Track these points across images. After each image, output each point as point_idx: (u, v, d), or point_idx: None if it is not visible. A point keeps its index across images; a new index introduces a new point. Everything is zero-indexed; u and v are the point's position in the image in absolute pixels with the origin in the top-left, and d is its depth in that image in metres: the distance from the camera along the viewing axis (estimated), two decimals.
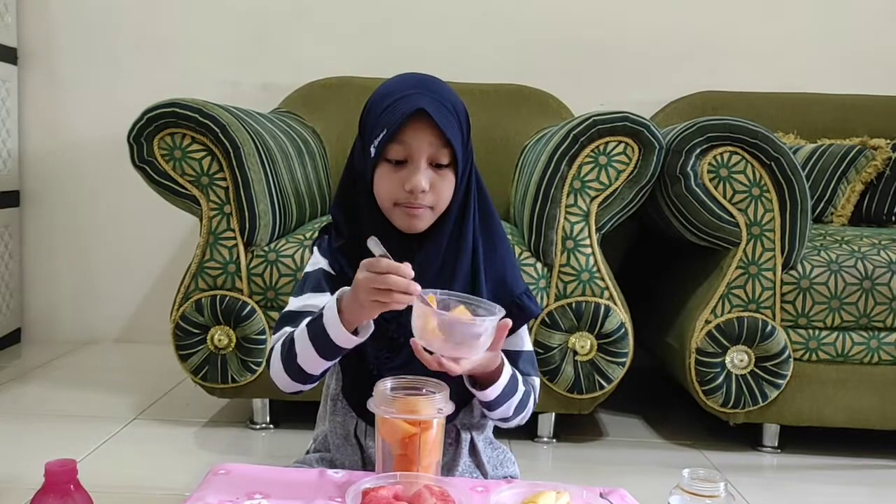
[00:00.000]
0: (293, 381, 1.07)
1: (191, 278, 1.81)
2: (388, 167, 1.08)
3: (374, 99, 1.12)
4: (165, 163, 1.79)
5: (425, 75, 1.13)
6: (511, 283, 1.16)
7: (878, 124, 2.41)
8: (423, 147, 1.06)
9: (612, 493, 1.04)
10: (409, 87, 1.09)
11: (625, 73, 2.68)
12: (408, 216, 1.08)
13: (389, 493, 0.90)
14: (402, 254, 1.05)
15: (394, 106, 1.06)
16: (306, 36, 2.68)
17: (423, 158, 1.06)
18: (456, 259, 1.11)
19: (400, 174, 1.07)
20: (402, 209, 1.08)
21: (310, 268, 1.15)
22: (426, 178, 1.06)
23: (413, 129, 1.05)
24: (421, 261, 1.07)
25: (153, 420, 1.96)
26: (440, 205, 1.09)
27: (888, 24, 2.69)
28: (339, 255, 1.13)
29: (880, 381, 1.81)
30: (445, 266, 1.10)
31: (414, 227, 1.09)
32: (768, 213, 1.78)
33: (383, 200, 1.09)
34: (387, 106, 1.07)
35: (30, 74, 2.67)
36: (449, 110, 1.08)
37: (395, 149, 1.06)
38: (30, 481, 1.00)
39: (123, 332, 2.75)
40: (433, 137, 1.06)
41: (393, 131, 1.05)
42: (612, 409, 2.11)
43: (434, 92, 1.08)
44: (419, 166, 1.06)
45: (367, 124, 1.11)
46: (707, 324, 1.80)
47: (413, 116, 1.04)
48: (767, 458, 1.89)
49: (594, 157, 1.76)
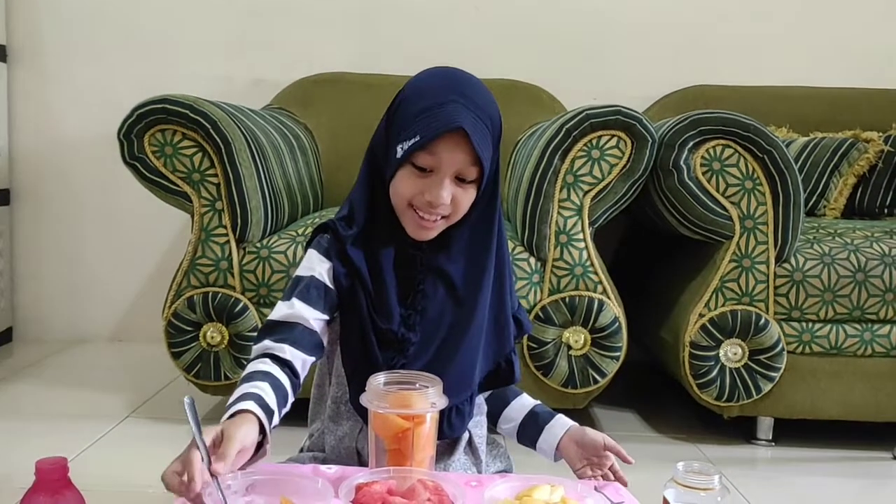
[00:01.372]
0: None
1: (183, 275, 1.80)
2: (412, 170, 1.05)
3: (408, 94, 1.07)
4: (156, 159, 1.78)
5: (463, 75, 1.09)
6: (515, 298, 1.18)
7: (870, 117, 2.41)
8: (453, 162, 1.03)
9: (606, 486, 1.04)
10: (449, 91, 1.04)
11: (617, 67, 2.67)
12: (418, 226, 1.07)
13: (383, 488, 0.90)
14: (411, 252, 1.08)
15: (432, 113, 1.02)
16: (297, 31, 2.67)
17: (450, 173, 1.04)
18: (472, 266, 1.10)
19: (423, 181, 1.04)
20: (414, 215, 1.06)
21: (302, 272, 1.11)
22: (449, 193, 1.04)
23: (447, 143, 1.02)
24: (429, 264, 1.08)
25: (146, 418, 1.95)
26: (456, 215, 1.08)
27: (880, 18, 2.69)
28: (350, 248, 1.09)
29: (873, 374, 1.82)
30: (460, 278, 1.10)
31: (422, 237, 1.08)
32: (761, 207, 1.78)
33: (399, 200, 1.07)
34: (424, 109, 1.03)
35: (19, 72, 2.66)
36: (485, 125, 1.04)
37: (425, 157, 1.03)
38: (21, 480, 1.00)
39: (115, 331, 2.74)
40: (466, 154, 1.03)
41: (427, 141, 1.01)
42: (606, 403, 2.11)
43: (473, 102, 1.04)
44: (444, 181, 1.04)
45: (398, 121, 1.06)
46: (701, 317, 1.80)
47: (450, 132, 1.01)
48: (761, 450, 1.89)
49: (587, 151, 1.75)
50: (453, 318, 1.09)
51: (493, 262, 1.12)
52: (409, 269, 1.10)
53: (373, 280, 1.08)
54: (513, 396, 1.27)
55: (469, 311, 1.09)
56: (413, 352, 1.08)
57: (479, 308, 1.10)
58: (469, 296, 1.10)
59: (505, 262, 1.15)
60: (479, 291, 1.10)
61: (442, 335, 1.09)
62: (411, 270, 1.10)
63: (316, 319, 1.07)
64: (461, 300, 1.10)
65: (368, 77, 2.52)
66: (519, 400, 1.27)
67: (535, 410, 1.24)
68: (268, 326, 1.08)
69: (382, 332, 1.08)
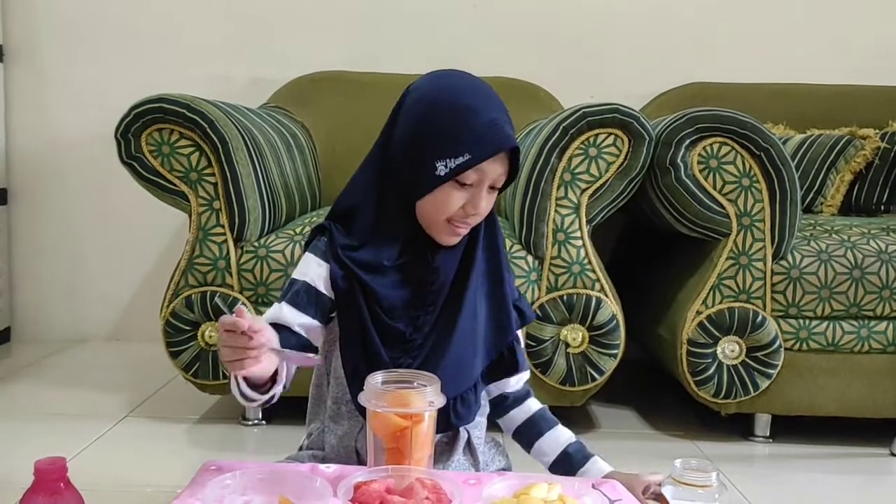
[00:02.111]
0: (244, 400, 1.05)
1: (180, 275, 1.80)
2: (455, 187, 1.05)
3: (440, 107, 1.05)
4: (153, 159, 1.78)
5: (481, 82, 1.10)
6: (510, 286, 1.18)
7: (866, 114, 2.41)
8: (496, 175, 1.06)
9: (603, 483, 1.04)
10: (487, 107, 1.05)
11: (614, 64, 2.68)
12: (454, 235, 1.09)
13: (381, 487, 0.90)
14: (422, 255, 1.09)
15: (483, 133, 1.02)
16: (294, 30, 2.67)
17: (489, 184, 1.07)
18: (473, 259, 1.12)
19: (464, 194, 1.06)
20: (450, 227, 1.08)
21: (297, 275, 1.11)
22: (488, 203, 1.08)
23: (494, 159, 1.04)
24: (440, 262, 1.09)
25: (144, 417, 1.95)
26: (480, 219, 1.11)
27: (876, 15, 2.69)
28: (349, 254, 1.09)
29: (870, 370, 1.82)
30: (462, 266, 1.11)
31: (452, 242, 1.10)
32: (758, 204, 1.78)
33: (437, 215, 1.07)
34: (472, 128, 1.03)
35: (15, 71, 2.65)
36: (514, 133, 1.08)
37: (471, 175, 1.04)
38: (20, 480, 1.00)
39: (114, 330, 2.74)
40: (504, 167, 1.06)
41: (481, 160, 1.02)
42: (604, 400, 2.11)
43: (507, 114, 1.07)
44: (484, 191, 1.06)
45: (436, 136, 1.04)
46: (698, 315, 1.80)
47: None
48: (759, 447, 1.90)
49: (584, 149, 1.75)
50: (447, 308, 1.10)
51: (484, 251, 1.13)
52: (420, 271, 1.10)
53: (380, 283, 1.08)
54: (546, 427, 1.21)
55: (457, 299, 1.10)
56: (418, 351, 1.09)
57: (467, 296, 1.10)
58: (458, 284, 1.11)
59: (499, 251, 1.15)
60: (467, 279, 1.10)
61: (438, 329, 1.09)
62: (422, 272, 1.10)
63: (301, 325, 1.09)
64: (454, 291, 1.11)
65: (366, 76, 2.52)
66: (552, 434, 1.20)
67: (568, 451, 1.18)
68: None
69: (389, 332, 1.08)
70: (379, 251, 1.09)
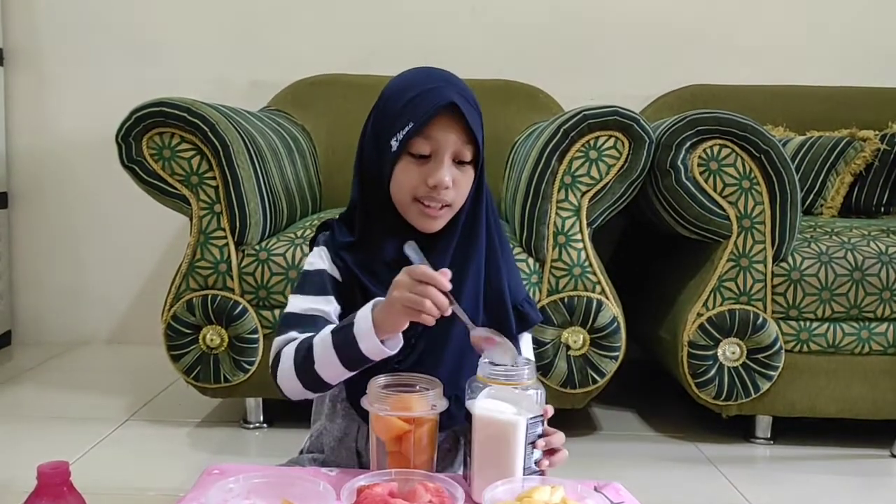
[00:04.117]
0: (305, 388, 1.04)
1: (182, 278, 1.81)
2: (411, 161, 1.05)
3: (391, 92, 1.09)
4: (154, 162, 1.78)
5: (442, 70, 1.11)
6: (514, 287, 1.16)
7: (866, 116, 2.41)
8: (449, 142, 1.04)
9: (606, 486, 1.04)
10: (432, 80, 1.07)
11: (614, 67, 2.68)
12: (426, 216, 1.07)
13: (384, 491, 0.90)
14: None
15: (419, 99, 1.03)
16: (294, 33, 2.67)
17: (449, 154, 1.05)
18: (467, 257, 1.10)
19: (423, 169, 1.05)
20: (420, 207, 1.07)
21: (309, 267, 1.12)
22: (450, 175, 1.05)
23: (440, 124, 1.03)
24: (433, 259, 1.07)
25: (146, 421, 1.95)
26: (458, 202, 1.08)
27: (876, 17, 2.70)
28: (344, 253, 1.10)
29: (871, 372, 1.82)
30: (455, 263, 1.09)
31: (430, 228, 1.08)
32: (758, 206, 1.78)
33: (402, 195, 1.07)
34: (411, 98, 1.04)
35: (16, 75, 2.66)
36: (473, 106, 1.07)
37: (421, 143, 1.04)
38: (22, 484, 1.00)
39: (115, 333, 2.74)
40: (459, 133, 1.04)
41: (422, 124, 1.02)
42: (605, 403, 2.12)
43: (458, 86, 1.07)
44: (444, 162, 1.05)
45: (387, 117, 1.07)
46: (699, 317, 1.81)
47: (441, 111, 1.03)
48: (760, 449, 1.90)
49: (584, 151, 1.76)
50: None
51: (483, 249, 1.11)
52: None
53: (372, 283, 1.08)
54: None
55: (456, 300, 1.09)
56: (412, 349, 1.08)
57: (464, 298, 1.08)
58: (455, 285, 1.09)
59: (496, 251, 1.14)
60: (463, 282, 1.08)
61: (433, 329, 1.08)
62: None
63: (333, 311, 1.09)
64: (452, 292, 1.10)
65: (366, 78, 2.52)
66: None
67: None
68: (289, 321, 1.08)
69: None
70: (373, 249, 1.09)
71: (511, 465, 0.96)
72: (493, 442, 0.97)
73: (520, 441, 0.96)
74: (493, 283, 1.13)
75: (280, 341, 1.07)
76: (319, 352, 1.01)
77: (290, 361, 1.03)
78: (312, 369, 1.01)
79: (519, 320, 1.16)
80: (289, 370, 1.03)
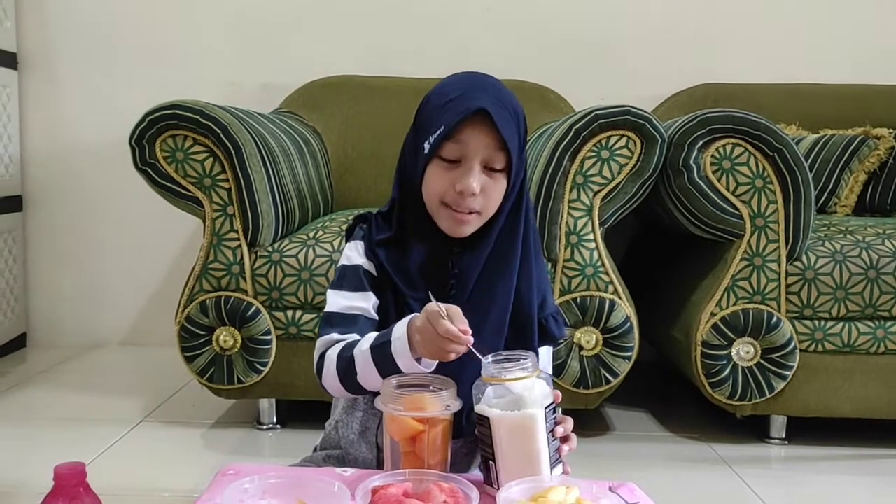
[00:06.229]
0: (350, 392, 1.08)
1: (195, 280, 1.81)
2: (441, 165, 1.06)
3: (432, 95, 1.10)
4: (168, 165, 1.79)
5: (486, 75, 1.11)
6: (545, 301, 1.16)
7: (880, 114, 2.40)
8: (479, 148, 1.04)
9: (620, 486, 1.04)
10: (470, 86, 1.07)
11: (625, 66, 2.67)
12: (454, 220, 1.07)
13: (399, 491, 0.90)
14: (443, 256, 1.08)
15: (454, 103, 1.04)
16: (306, 35, 2.68)
17: (478, 160, 1.04)
18: (498, 269, 1.10)
19: (452, 174, 1.05)
20: (448, 211, 1.07)
21: (346, 261, 1.13)
22: (478, 181, 1.04)
23: (471, 129, 1.03)
24: (462, 266, 1.08)
25: (160, 422, 1.96)
26: (488, 210, 1.08)
27: (890, 14, 2.68)
28: (379, 250, 1.11)
29: (887, 371, 1.81)
30: (486, 273, 1.09)
31: (459, 233, 1.08)
32: (772, 205, 1.77)
33: (431, 199, 1.07)
34: (446, 102, 1.05)
35: (30, 79, 2.67)
36: (510, 113, 1.06)
37: (451, 147, 1.04)
38: (39, 485, 1.00)
39: (128, 335, 2.76)
40: (490, 139, 1.04)
41: (450, 129, 1.02)
42: (618, 403, 2.11)
43: (495, 93, 1.06)
44: (473, 168, 1.04)
45: (423, 120, 1.08)
46: (713, 316, 1.80)
47: (472, 116, 1.02)
48: (775, 449, 1.89)
49: (596, 151, 1.75)
50: (467, 313, 1.09)
51: (517, 263, 1.11)
52: (441, 274, 1.10)
53: (404, 284, 1.09)
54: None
55: (479, 306, 1.09)
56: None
57: (494, 309, 1.09)
58: (480, 289, 1.09)
59: (530, 263, 1.13)
60: (493, 292, 1.09)
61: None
62: (443, 275, 1.10)
63: (372, 305, 1.10)
64: (475, 296, 1.10)
65: (377, 79, 2.53)
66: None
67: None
68: (330, 320, 1.10)
69: None
70: (406, 249, 1.10)
71: (537, 457, 0.96)
72: (516, 439, 0.96)
73: (541, 432, 0.96)
74: (522, 297, 1.12)
75: (322, 343, 1.10)
76: (361, 365, 1.03)
77: (334, 368, 1.06)
78: (355, 380, 1.04)
79: (541, 335, 1.15)
80: (332, 376, 1.06)
